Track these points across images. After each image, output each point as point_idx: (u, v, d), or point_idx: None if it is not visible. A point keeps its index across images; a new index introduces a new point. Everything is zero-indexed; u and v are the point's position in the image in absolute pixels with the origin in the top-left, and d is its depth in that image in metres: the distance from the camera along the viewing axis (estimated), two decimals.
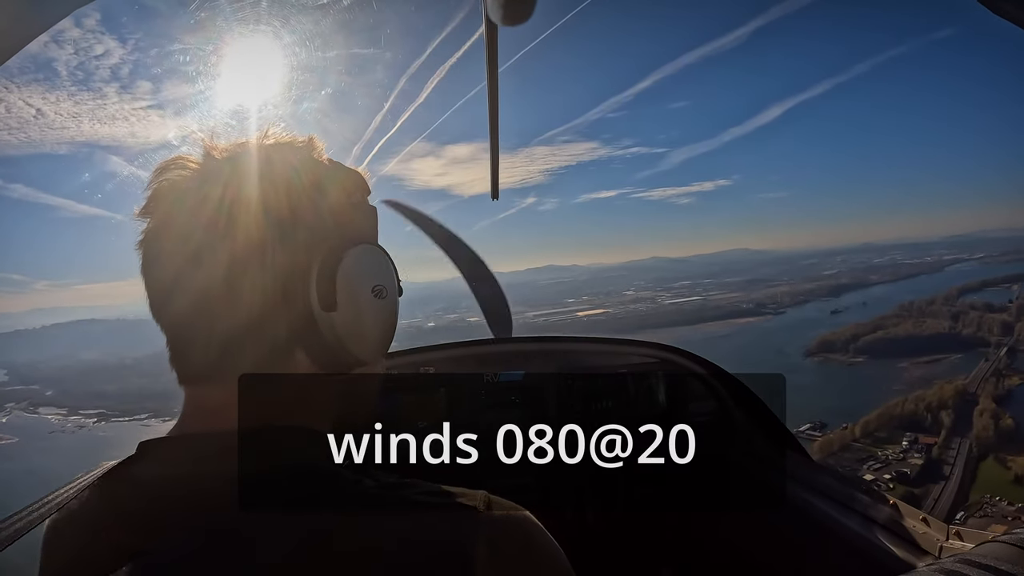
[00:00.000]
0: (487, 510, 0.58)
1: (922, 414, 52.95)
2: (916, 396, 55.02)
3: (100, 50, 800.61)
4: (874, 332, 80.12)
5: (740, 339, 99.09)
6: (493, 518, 0.58)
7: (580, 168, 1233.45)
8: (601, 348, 2.28)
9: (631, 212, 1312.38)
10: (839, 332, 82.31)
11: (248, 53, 2.06)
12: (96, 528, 0.58)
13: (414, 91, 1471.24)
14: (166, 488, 0.56)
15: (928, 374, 68.54)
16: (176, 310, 0.63)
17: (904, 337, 77.66)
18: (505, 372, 2.16)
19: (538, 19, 0.49)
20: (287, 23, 2.17)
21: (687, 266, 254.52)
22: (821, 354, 79.19)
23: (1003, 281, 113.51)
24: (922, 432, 49.91)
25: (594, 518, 2.25)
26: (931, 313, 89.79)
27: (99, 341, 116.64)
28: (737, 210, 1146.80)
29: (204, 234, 0.60)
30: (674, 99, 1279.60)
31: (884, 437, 50.36)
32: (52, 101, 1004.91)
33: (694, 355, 2.24)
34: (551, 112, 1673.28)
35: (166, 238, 0.63)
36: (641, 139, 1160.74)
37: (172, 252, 0.62)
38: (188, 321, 0.62)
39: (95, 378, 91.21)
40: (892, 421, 52.39)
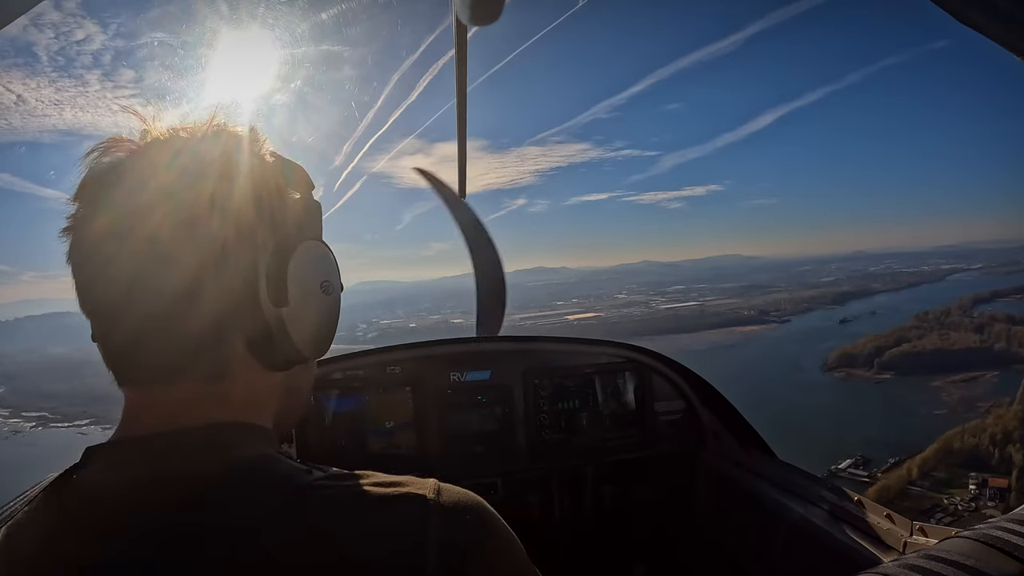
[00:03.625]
0: (437, 497, 0.58)
1: (986, 448, 44.27)
2: (974, 427, 46.36)
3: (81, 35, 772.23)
4: (898, 345, 72.65)
5: (748, 350, 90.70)
6: (443, 504, 0.58)
7: (571, 170, 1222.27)
8: (568, 348, 2.28)
9: (622, 215, 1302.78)
10: (859, 345, 74.79)
11: (237, 46, 2.03)
12: (48, 538, 0.56)
13: (406, 88, 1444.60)
14: (117, 492, 0.55)
15: (969, 395, 60.70)
16: (108, 304, 0.60)
17: (932, 351, 70.02)
18: (472, 372, 2.17)
19: (533, 19, 0.68)
20: (279, 18, 2.11)
21: (679, 270, 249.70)
22: (842, 369, 71.70)
23: (1013, 292, 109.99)
24: (988, 471, 41.24)
25: (564, 515, 2.28)
26: (951, 325, 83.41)
27: (69, 335, 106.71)
28: (728, 215, 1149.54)
29: (137, 222, 0.57)
30: (667, 103, 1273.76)
31: (944, 479, 41.59)
32: (33, 87, 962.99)
33: (660, 355, 2.26)
34: (544, 112, 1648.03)
35: (96, 225, 0.60)
36: (633, 141, 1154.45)
37: (100, 241, 0.59)
38: (131, 319, 0.59)
39: (51, 376, 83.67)
40: (951, 457, 43.54)
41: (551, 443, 2.19)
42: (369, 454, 2.09)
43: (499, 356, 2.22)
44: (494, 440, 2.16)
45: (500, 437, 2.16)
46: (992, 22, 0.57)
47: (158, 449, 0.58)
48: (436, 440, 2.12)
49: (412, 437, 2.13)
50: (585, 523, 2.28)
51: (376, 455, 2.10)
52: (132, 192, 0.58)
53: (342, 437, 2.10)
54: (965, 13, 0.57)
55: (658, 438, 2.22)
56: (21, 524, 0.60)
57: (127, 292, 0.58)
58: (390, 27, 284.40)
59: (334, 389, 2.12)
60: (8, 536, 0.60)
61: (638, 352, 2.26)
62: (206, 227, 0.58)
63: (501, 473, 2.16)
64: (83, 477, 0.58)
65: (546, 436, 2.20)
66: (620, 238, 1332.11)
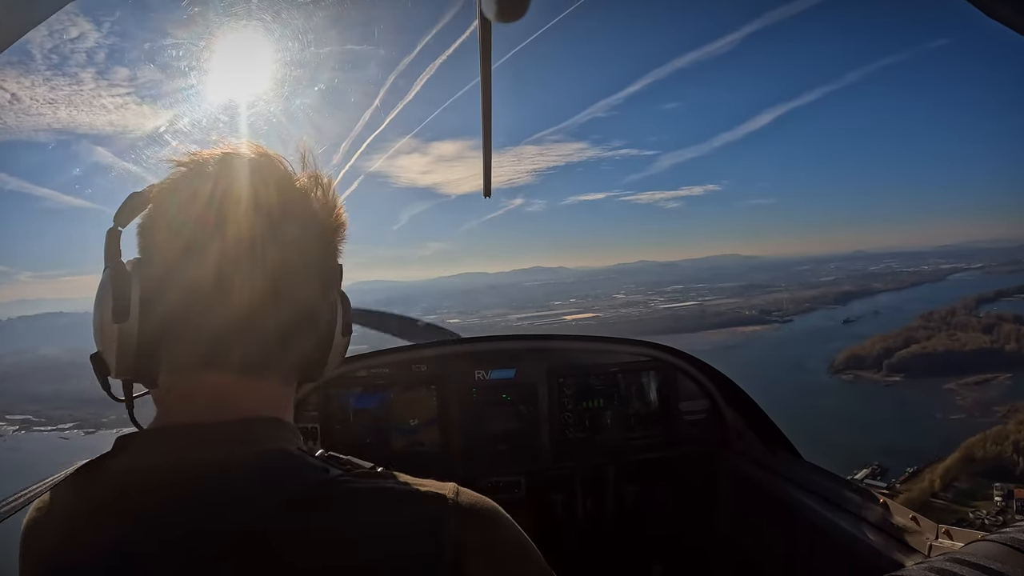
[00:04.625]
0: (456, 497, 0.59)
1: (1010, 457, 41.81)
2: (996, 433, 43.88)
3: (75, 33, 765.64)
4: (907, 347, 70.23)
5: (751, 351, 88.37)
6: (462, 505, 0.58)
7: (568, 169, 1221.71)
8: (593, 347, 2.25)
9: (619, 215, 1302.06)
10: (867, 346, 72.44)
11: (236, 46, 2.05)
12: (72, 523, 0.57)
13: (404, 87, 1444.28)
14: (143, 479, 0.56)
15: (983, 398, 58.36)
16: (170, 302, 0.62)
17: (942, 352, 67.71)
18: (497, 370, 2.16)
19: (531, 18, 0.49)
20: (278, 16, 2.16)
21: (677, 270, 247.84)
22: (850, 371, 69.33)
23: (1017, 291, 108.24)
24: (1013, 481, 38.79)
25: (585, 514, 2.26)
26: (958, 325, 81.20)
27: (61, 336, 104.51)
28: (726, 215, 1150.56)
29: (198, 229, 0.60)
30: (665, 102, 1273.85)
31: (968, 489, 39.08)
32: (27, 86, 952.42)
33: (685, 353, 2.21)
34: (541, 111, 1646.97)
35: (160, 230, 0.63)
36: (631, 141, 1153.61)
37: (165, 245, 0.62)
38: (181, 313, 0.62)
39: (38, 377, 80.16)
40: (973, 466, 41.08)
41: (575, 442, 2.15)
42: (393, 451, 2.06)
43: (524, 354, 2.19)
44: (518, 438, 2.13)
45: (524, 435, 2.13)
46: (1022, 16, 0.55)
47: (189, 439, 0.59)
48: (460, 438, 2.09)
49: (436, 435, 2.10)
50: (606, 522, 2.27)
51: (400, 452, 2.07)
52: (191, 202, 0.62)
53: (367, 434, 2.08)
54: (994, 8, 0.56)
55: (682, 438, 2.18)
56: (46, 509, 0.61)
57: (190, 296, 0.60)
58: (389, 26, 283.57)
59: (358, 387, 2.09)
60: (34, 520, 0.61)
61: (663, 351, 2.22)
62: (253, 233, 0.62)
63: (525, 472, 2.14)
64: (112, 464, 0.59)
65: (570, 435, 2.15)
66: (617, 238, 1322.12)
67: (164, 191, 0.64)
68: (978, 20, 0.57)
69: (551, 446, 2.12)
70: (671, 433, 2.16)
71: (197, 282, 0.60)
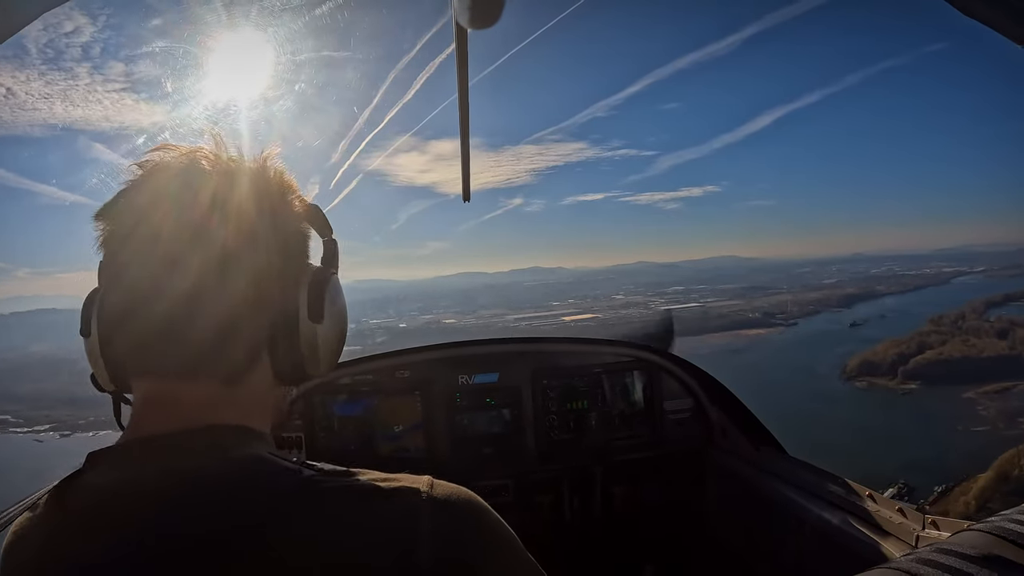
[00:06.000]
0: (430, 490, 0.59)
1: None
2: None
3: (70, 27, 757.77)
4: (922, 352, 67.42)
5: (756, 355, 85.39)
6: (436, 497, 0.58)
7: (567, 169, 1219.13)
8: (577, 348, 2.25)
9: (618, 216, 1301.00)
10: (879, 351, 69.52)
11: (231, 43, 2.05)
12: (51, 540, 0.57)
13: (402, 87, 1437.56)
14: (118, 493, 0.56)
15: (1006, 407, 55.55)
16: (114, 314, 0.62)
17: (959, 359, 64.93)
18: (480, 374, 2.16)
19: (531, 18, 0.41)
20: (275, 16, 2.12)
21: (677, 271, 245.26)
22: (863, 377, 66.42)
23: None
24: None
25: (574, 516, 2.25)
26: (970, 330, 78.63)
27: (53, 333, 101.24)
28: (726, 216, 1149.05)
29: (185, 234, 0.60)
30: (665, 103, 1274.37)
31: (998, 511, 35.87)
32: (23, 80, 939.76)
33: (669, 353, 2.23)
34: (540, 111, 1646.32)
35: (108, 244, 0.63)
36: (630, 141, 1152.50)
37: (148, 251, 0.61)
38: (121, 323, 0.62)
39: (23, 376, 76.80)
40: (1007, 485, 38.07)
41: (560, 444, 2.17)
42: (378, 457, 2.07)
43: (507, 358, 2.19)
44: (504, 442, 2.14)
45: (510, 439, 2.15)
46: (997, 14, 0.56)
47: (159, 450, 0.58)
48: (446, 443, 2.10)
49: (421, 440, 2.11)
50: (595, 524, 2.26)
51: (385, 458, 2.07)
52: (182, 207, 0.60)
53: (352, 441, 2.08)
54: (969, 6, 0.56)
55: (667, 437, 2.20)
56: (25, 527, 0.60)
57: (175, 303, 0.59)
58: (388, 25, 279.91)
59: (343, 394, 2.09)
60: (13, 539, 0.60)
61: (646, 351, 2.24)
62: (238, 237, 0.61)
63: (512, 475, 2.15)
64: (86, 479, 0.59)
65: (555, 437, 2.17)
66: (616, 238, 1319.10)
67: (107, 204, 0.64)
68: (976, 25, 0.56)
69: (537, 449, 2.14)
70: (656, 432, 2.19)
71: (132, 290, 0.60)
